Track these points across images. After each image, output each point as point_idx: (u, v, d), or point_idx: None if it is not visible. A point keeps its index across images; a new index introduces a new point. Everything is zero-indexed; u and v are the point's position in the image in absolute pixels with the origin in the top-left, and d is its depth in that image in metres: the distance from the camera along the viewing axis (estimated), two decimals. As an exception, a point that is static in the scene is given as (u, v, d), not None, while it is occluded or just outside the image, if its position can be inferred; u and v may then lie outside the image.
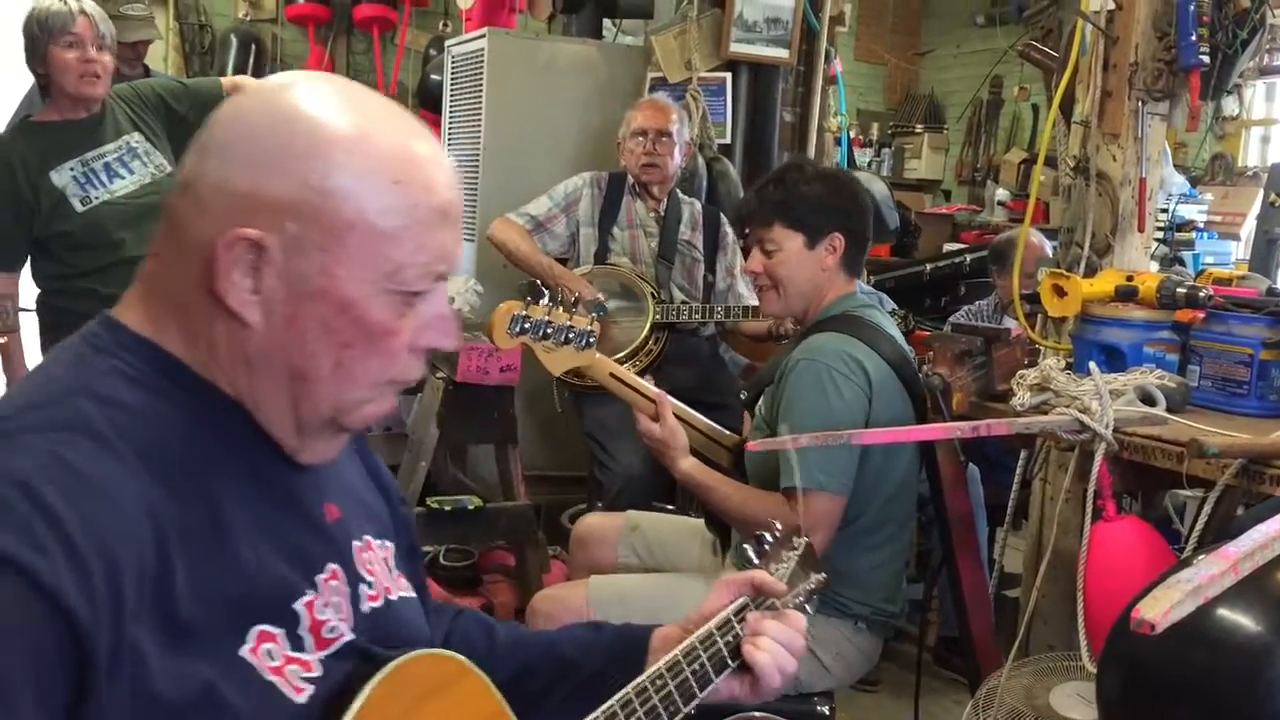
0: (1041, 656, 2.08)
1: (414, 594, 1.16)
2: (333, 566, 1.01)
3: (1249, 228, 5.70)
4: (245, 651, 0.90)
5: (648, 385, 2.21)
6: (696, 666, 1.19)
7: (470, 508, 3.10)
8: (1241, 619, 1.37)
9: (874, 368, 2.14)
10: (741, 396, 2.44)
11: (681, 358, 3.51)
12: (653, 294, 3.48)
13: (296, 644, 0.94)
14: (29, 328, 3.17)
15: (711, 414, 2.36)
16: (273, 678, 0.91)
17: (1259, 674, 1.35)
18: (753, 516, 2.13)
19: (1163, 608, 1.08)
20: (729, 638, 1.24)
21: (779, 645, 1.24)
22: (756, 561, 1.37)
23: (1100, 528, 1.88)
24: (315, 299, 0.94)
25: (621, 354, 3.35)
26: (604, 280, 3.50)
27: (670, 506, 3.43)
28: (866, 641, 2.23)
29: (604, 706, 1.10)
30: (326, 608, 0.98)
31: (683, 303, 3.54)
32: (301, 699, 0.92)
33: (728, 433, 2.32)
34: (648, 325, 3.43)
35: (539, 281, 2.07)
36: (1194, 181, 6.16)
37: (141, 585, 0.84)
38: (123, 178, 3.04)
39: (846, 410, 2.09)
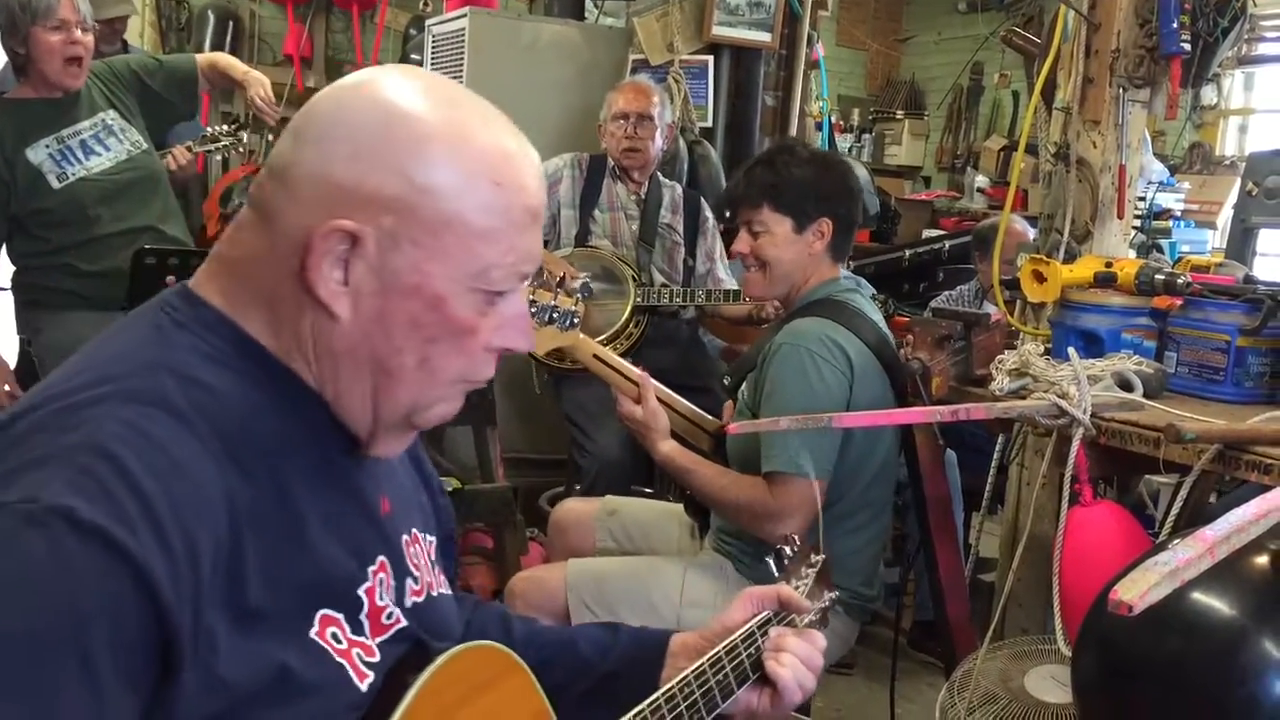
0: (1016, 640, 2.09)
1: (450, 590, 1.16)
2: (382, 559, 1.01)
3: (1225, 216, 5.75)
4: (313, 634, 0.90)
5: (631, 367, 2.20)
6: (720, 677, 1.20)
7: (448, 489, 3.08)
8: (1216, 602, 1.39)
9: (855, 352, 2.15)
10: (725, 382, 2.43)
11: (661, 341, 3.51)
12: (634, 277, 3.48)
13: (357, 629, 0.95)
14: (4, 305, 3.14)
15: (691, 397, 2.36)
16: (341, 660, 0.92)
17: (1233, 657, 1.36)
18: (733, 500, 2.14)
19: (1140, 589, 1.09)
20: (752, 649, 1.25)
21: (800, 662, 1.26)
22: (777, 575, 1.38)
23: (1077, 512, 1.89)
24: (406, 294, 0.93)
25: (602, 337, 3.34)
26: (585, 263, 3.49)
27: (649, 490, 3.43)
28: (843, 625, 2.24)
29: (633, 712, 1.10)
30: (384, 595, 0.99)
31: (663, 286, 3.53)
32: (364, 685, 0.93)
33: (709, 417, 2.32)
34: (628, 308, 3.42)
35: None
36: (1172, 170, 6.20)
37: (216, 567, 0.84)
38: (99, 154, 3.02)
39: (828, 394, 2.09)
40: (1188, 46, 2.31)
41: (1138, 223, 5.08)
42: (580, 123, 4.09)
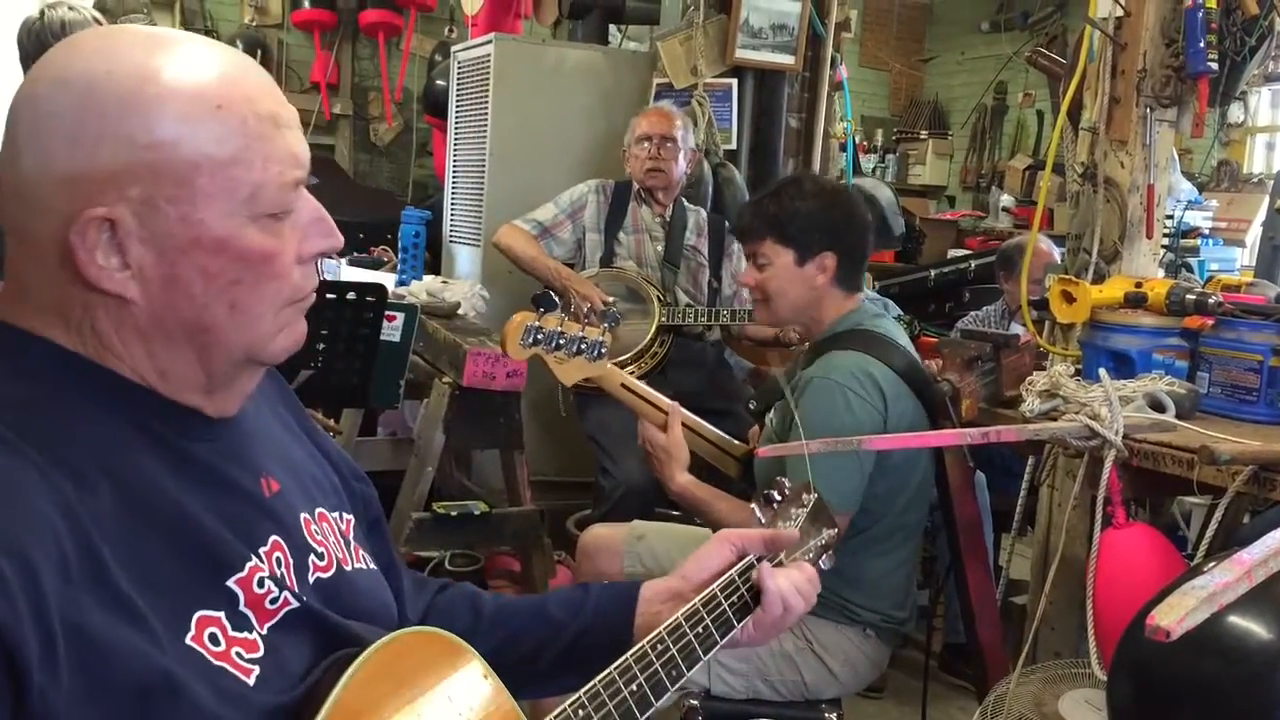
0: (1049, 663, 2.07)
1: (374, 567, 1.14)
2: (275, 538, 0.99)
3: (1254, 234, 5.70)
4: (190, 640, 0.88)
5: (660, 396, 2.19)
6: (700, 629, 1.19)
7: (476, 513, 3.10)
8: (1253, 626, 1.37)
9: (888, 383, 2.13)
10: (750, 406, 2.43)
11: (687, 363, 3.50)
12: (659, 296, 3.48)
13: (239, 623, 0.92)
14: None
15: (716, 419, 2.35)
16: (220, 663, 0.89)
17: (1271, 680, 1.34)
18: None
19: (1177, 615, 1.08)
20: (734, 599, 1.23)
21: (793, 586, 1.26)
22: (764, 520, 1.35)
23: (1110, 534, 1.88)
24: (187, 250, 0.90)
25: (626, 356, 3.35)
26: (610, 283, 3.50)
27: (676, 512, 3.42)
28: (875, 649, 2.22)
29: (602, 675, 1.08)
30: (268, 579, 0.96)
31: (688, 305, 3.54)
32: (251, 679, 0.91)
33: (737, 443, 2.32)
34: (653, 327, 3.43)
35: (548, 290, 2.06)
36: (1199, 188, 6.17)
37: (66, 575, 0.81)
38: None
39: (857, 428, 2.07)
40: (1215, 66, 2.30)
41: (1166, 242, 5.05)
42: (605, 147, 4.11)
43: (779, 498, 1.38)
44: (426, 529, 3.04)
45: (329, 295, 2.50)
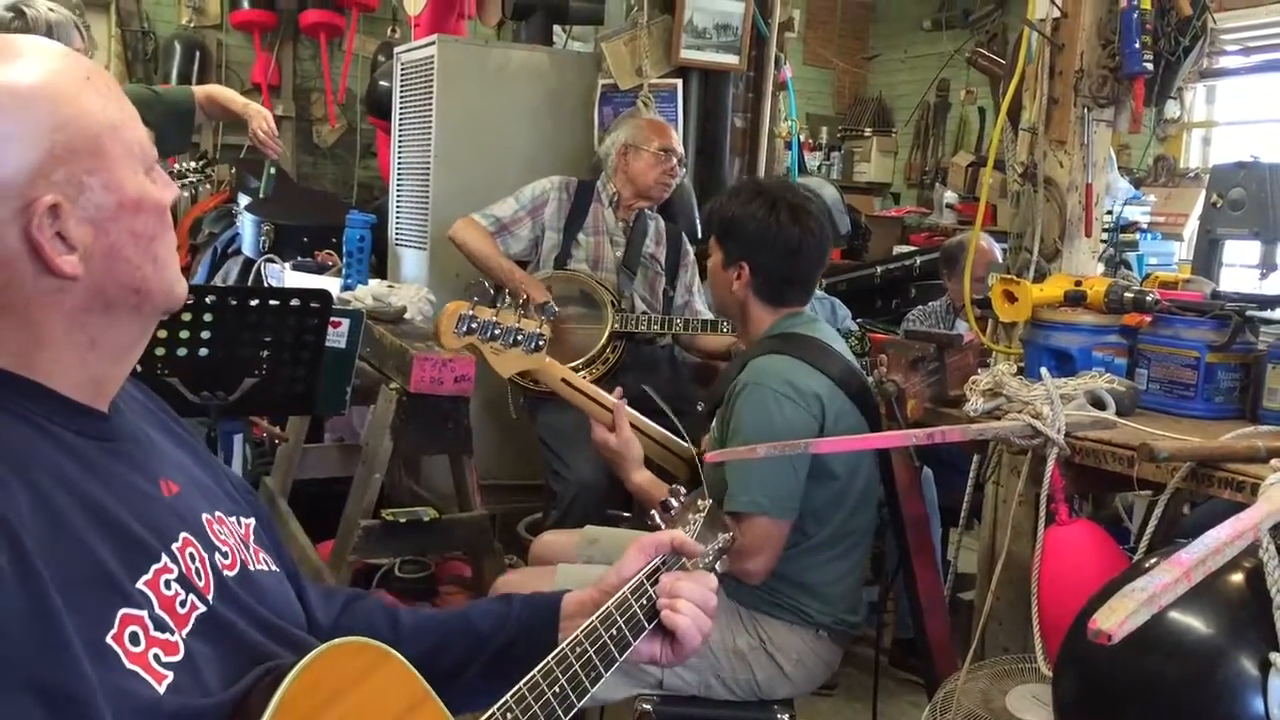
0: (997, 659, 2.09)
1: (277, 569, 1.16)
2: (185, 535, 1.01)
3: (1191, 228, 5.81)
4: (111, 639, 0.88)
5: (603, 393, 2.19)
6: (614, 632, 1.23)
7: (425, 519, 3.08)
8: (1194, 622, 1.40)
9: (823, 389, 2.15)
10: (699, 407, 2.44)
11: (640, 365, 3.50)
12: (612, 302, 3.48)
13: (160, 625, 0.93)
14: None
15: (669, 420, 2.35)
16: (134, 666, 0.89)
17: (1211, 675, 1.37)
18: None
19: (1118, 618, 1.09)
20: (643, 601, 1.28)
21: (695, 606, 1.28)
22: (663, 526, 1.41)
23: (1053, 531, 1.90)
24: (117, 216, 0.97)
25: (578, 361, 3.34)
26: (564, 286, 3.49)
27: (627, 514, 3.42)
28: (827, 649, 2.23)
29: (527, 678, 1.12)
30: (175, 581, 0.97)
31: (643, 313, 3.53)
32: (162, 687, 0.91)
33: (683, 444, 2.32)
34: (605, 333, 3.42)
35: (486, 284, 2.06)
36: (1137, 183, 6.27)
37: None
38: None
39: (790, 431, 2.07)
40: (1150, 66, 2.33)
41: (1105, 236, 5.12)
42: (551, 148, 4.10)
43: (675, 504, 1.45)
44: (375, 536, 3.02)
45: (272, 302, 2.48)
